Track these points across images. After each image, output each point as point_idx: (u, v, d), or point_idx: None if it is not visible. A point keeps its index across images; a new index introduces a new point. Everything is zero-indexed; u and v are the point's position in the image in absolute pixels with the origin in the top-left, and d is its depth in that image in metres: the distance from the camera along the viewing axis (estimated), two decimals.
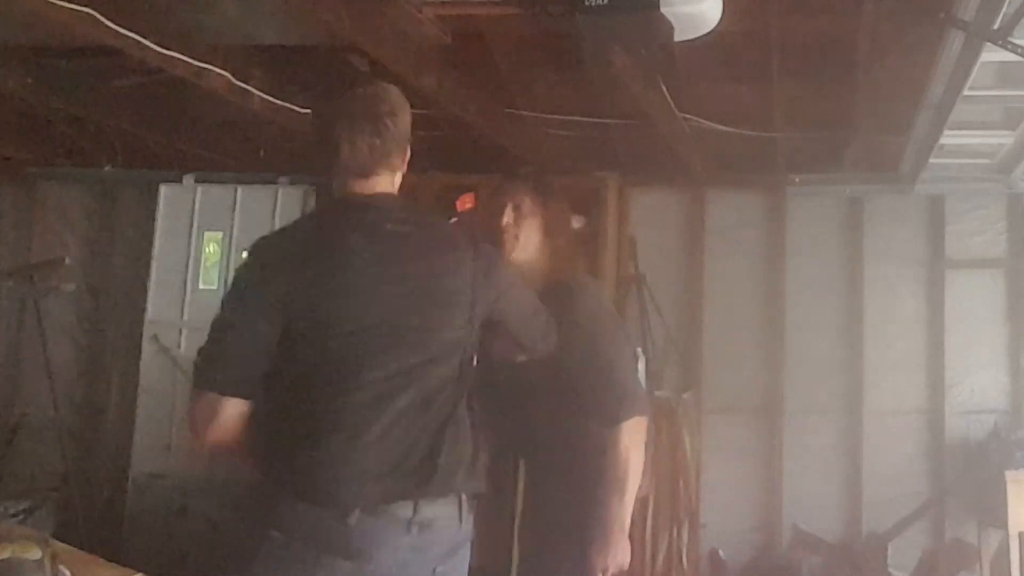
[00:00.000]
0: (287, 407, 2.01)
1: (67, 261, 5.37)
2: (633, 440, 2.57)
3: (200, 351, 2.02)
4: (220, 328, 2.01)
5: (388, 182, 2.12)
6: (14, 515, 4.84)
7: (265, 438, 2.02)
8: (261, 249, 2.08)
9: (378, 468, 1.94)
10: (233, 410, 1.97)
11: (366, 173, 2.07)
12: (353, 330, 1.98)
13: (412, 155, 2.11)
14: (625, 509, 2.58)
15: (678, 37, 2.68)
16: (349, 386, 1.97)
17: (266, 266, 2.03)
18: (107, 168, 5.73)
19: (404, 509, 1.95)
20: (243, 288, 2.04)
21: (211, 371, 1.98)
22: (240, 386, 1.98)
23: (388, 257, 2.03)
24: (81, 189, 6.02)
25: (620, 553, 2.58)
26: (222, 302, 2.05)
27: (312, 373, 1.99)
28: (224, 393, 1.97)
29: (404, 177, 2.14)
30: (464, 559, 2.10)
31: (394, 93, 2.11)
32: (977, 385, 5.15)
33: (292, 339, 1.97)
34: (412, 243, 2.07)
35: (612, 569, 2.58)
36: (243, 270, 2.07)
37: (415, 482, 1.96)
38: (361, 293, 2.00)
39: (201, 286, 5.54)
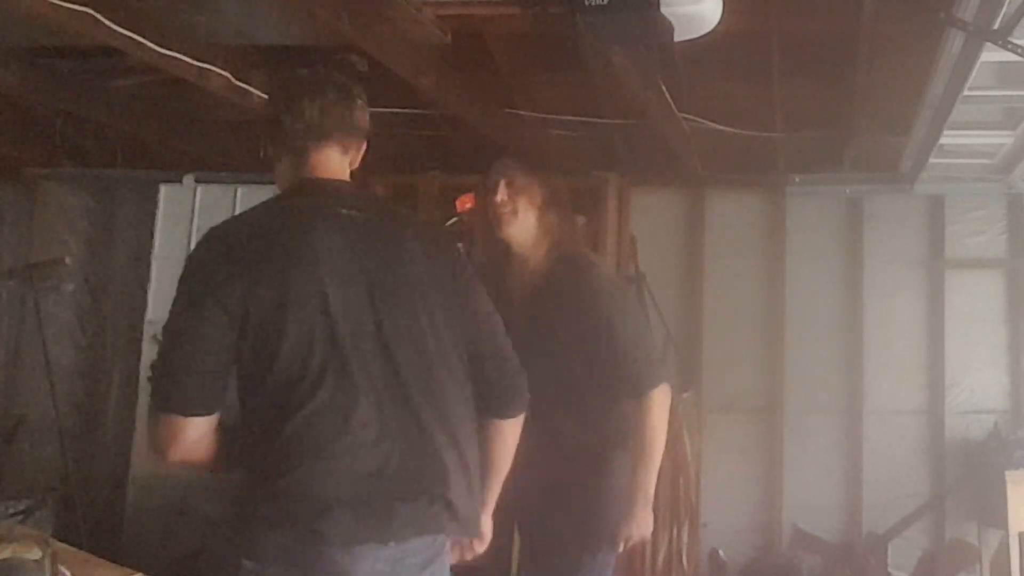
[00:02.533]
0: (255, 423, 1.81)
1: (67, 261, 5.35)
2: (660, 407, 2.61)
3: (153, 366, 1.81)
4: (172, 338, 1.79)
5: (341, 164, 1.97)
6: (14, 515, 4.82)
7: (237, 456, 1.84)
8: (214, 240, 1.85)
9: (353, 487, 1.76)
10: (197, 430, 1.78)
11: (324, 136, 1.92)
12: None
13: (412, 155, 2.02)
14: (650, 479, 2.61)
15: (678, 37, 2.67)
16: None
17: (220, 261, 1.80)
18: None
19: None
20: (195, 288, 1.80)
21: (167, 390, 1.77)
22: (202, 405, 1.77)
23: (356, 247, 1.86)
24: (81, 189, 6.01)
25: (644, 523, 2.60)
26: (172, 305, 1.82)
27: (279, 383, 1.78)
28: (185, 414, 1.76)
29: (404, 177, 2.06)
30: (444, 565, 1.94)
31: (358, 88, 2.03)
32: (977, 385, 5.15)
33: (254, 346, 1.77)
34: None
35: (635, 538, 2.61)
36: (194, 266, 1.83)
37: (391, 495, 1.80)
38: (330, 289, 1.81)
39: None
